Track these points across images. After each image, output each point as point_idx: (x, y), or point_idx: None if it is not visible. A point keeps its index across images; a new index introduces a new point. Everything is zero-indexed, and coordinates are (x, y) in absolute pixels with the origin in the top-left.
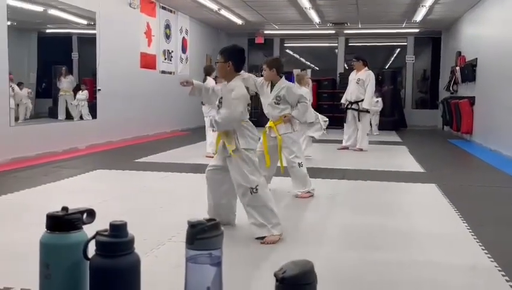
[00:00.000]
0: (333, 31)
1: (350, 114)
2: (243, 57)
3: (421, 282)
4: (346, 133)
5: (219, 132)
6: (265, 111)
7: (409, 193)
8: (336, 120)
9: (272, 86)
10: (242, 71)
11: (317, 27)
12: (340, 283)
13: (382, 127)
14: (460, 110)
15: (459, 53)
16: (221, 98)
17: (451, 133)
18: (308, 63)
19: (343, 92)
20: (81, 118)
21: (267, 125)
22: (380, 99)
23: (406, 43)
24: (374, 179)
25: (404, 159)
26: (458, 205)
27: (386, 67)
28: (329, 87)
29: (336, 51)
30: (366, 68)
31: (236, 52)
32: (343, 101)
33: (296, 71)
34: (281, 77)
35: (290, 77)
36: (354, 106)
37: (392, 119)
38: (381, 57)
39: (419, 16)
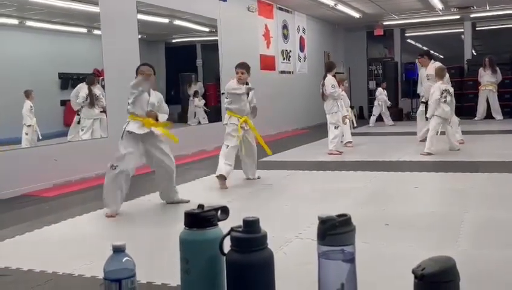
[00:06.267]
0: (458, 16)
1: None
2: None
3: None
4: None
5: None
6: None
7: None
8: (463, 109)
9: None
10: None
11: (440, 13)
12: (481, 283)
13: None
14: None
15: None
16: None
17: None
18: (432, 52)
19: (473, 80)
20: (199, 123)
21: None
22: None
23: None
24: None
25: None
26: None
27: None
28: (456, 75)
29: (462, 36)
30: (433, 61)
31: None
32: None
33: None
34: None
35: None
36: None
37: None
38: None
39: None
